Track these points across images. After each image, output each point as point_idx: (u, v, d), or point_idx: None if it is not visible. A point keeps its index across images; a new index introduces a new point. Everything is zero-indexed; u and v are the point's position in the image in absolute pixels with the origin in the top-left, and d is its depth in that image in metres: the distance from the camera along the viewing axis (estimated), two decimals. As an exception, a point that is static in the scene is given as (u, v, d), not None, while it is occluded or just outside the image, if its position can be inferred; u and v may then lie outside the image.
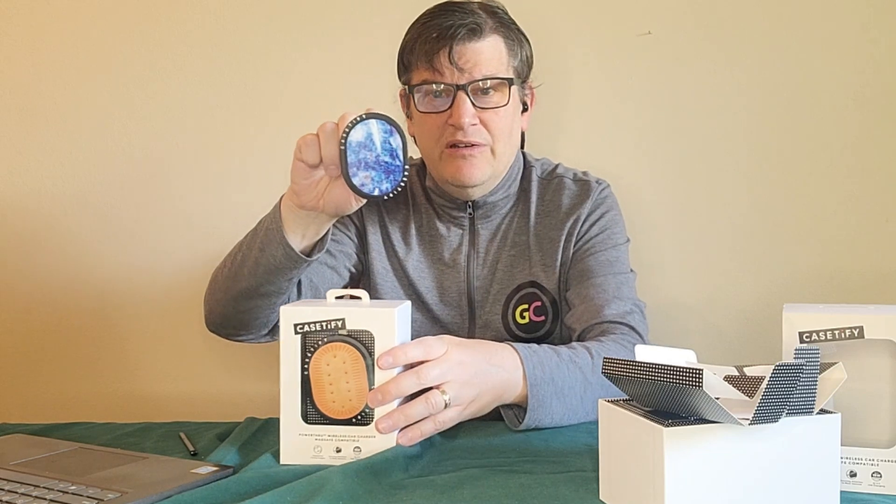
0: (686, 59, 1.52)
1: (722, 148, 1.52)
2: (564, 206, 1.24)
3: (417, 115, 1.19)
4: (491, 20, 1.16)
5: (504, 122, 1.17)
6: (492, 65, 1.15)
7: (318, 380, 0.88)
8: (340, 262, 1.23)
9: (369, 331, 0.87)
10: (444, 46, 1.13)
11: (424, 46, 1.15)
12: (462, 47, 1.13)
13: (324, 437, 0.88)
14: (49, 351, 1.69)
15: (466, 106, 1.13)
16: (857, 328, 0.75)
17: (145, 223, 1.66)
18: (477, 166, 1.16)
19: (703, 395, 0.64)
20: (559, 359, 1.00)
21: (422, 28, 1.17)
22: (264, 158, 1.63)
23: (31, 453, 0.92)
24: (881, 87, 1.47)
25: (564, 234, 1.23)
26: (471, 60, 1.13)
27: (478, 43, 1.14)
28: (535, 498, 0.75)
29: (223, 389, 1.66)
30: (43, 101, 1.67)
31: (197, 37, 1.63)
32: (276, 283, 1.08)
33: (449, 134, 1.15)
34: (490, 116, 1.15)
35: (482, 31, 1.14)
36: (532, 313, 1.23)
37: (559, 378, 0.98)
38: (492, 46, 1.15)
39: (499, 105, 1.15)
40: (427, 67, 1.15)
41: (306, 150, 0.97)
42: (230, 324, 1.16)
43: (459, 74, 1.13)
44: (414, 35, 1.18)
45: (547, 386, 0.97)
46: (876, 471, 0.75)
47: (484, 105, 1.15)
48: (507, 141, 1.19)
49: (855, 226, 1.49)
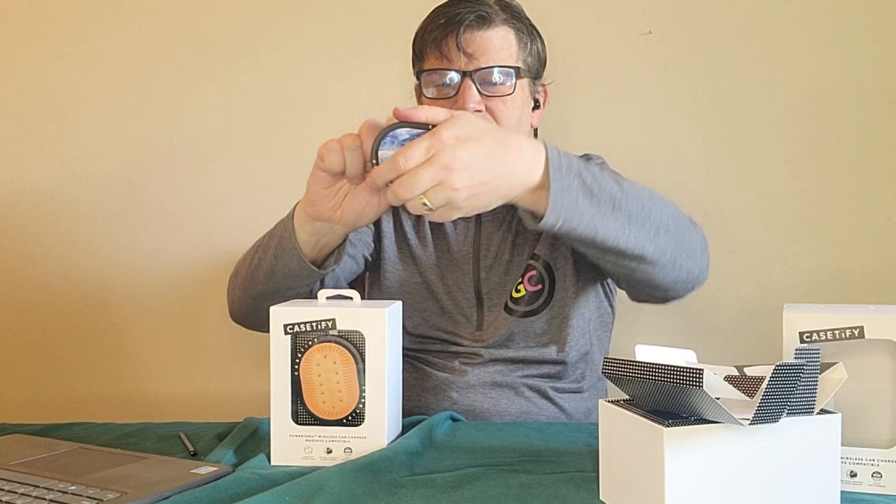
0: (686, 59, 1.52)
1: (722, 148, 1.52)
2: None
3: (426, 102, 1.19)
4: (503, 12, 1.17)
5: (511, 112, 1.16)
6: (500, 54, 1.15)
7: (309, 380, 0.88)
8: (359, 250, 1.23)
9: (360, 331, 0.87)
10: (451, 32, 1.14)
11: (433, 33, 1.16)
12: (470, 34, 1.14)
13: (314, 438, 0.88)
14: (49, 351, 1.69)
15: (472, 92, 1.13)
16: (858, 328, 0.75)
17: (145, 223, 1.66)
18: None
19: (704, 395, 0.63)
20: (594, 167, 0.91)
21: (432, 16, 1.19)
22: (264, 158, 1.63)
23: (31, 453, 0.92)
24: (881, 87, 1.47)
25: None
26: (479, 48, 1.14)
27: (487, 31, 1.15)
28: (535, 498, 0.75)
29: (223, 389, 1.66)
30: (43, 101, 1.67)
31: (197, 37, 1.63)
32: (294, 288, 1.08)
33: None
34: (496, 104, 1.15)
35: (491, 20, 1.15)
36: (527, 283, 1.21)
37: (589, 177, 0.88)
38: (501, 37, 1.16)
39: (506, 94, 1.15)
40: (436, 54, 1.16)
41: (329, 158, 0.92)
42: (251, 320, 1.18)
43: (467, 61, 1.14)
44: (424, 24, 1.20)
45: (572, 178, 0.87)
46: (876, 471, 0.75)
47: (491, 93, 1.15)
48: (515, 131, 1.18)
49: (855, 226, 1.49)
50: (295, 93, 1.62)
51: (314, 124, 1.61)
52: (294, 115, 1.62)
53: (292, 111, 1.62)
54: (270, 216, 1.62)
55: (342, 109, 1.60)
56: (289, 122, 1.62)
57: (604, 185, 0.90)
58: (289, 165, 1.62)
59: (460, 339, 1.23)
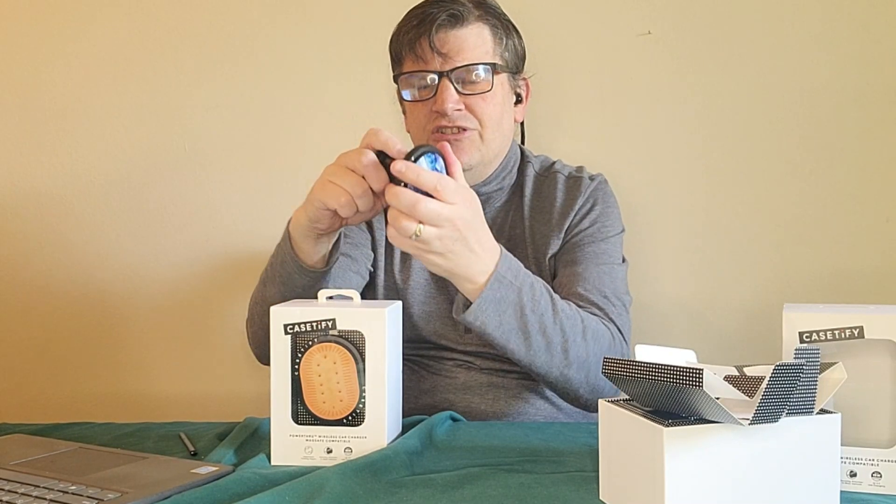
0: (686, 58, 1.52)
1: (722, 148, 1.52)
2: (557, 202, 1.23)
3: (407, 106, 1.19)
4: (476, 9, 1.16)
5: (492, 108, 1.16)
6: (476, 52, 1.15)
7: (309, 380, 0.88)
8: (362, 263, 1.23)
9: (360, 331, 0.87)
10: (424, 33, 1.13)
11: (407, 35, 1.15)
12: (444, 34, 1.14)
13: (314, 438, 0.88)
14: (49, 351, 1.69)
15: (450, 92, 1.13)
16: (857, 328, 0.75)
17: (145, 223, 1.66)
18: (465, 150, 1.16)
19: (703, 395, 0.64)
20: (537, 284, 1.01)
21: (406, 19, 1.18)
22: (265, 158, 1.63)
23: (31, 453, 0.92)
24: (881, 87, 1.47)
25: (557, 233, 1.22)
26: (453, 47, 1.14)
27: (460, 30, 1.14)
28: (535, 498, 0.75)
29: (223, 389, 1.66)
30: (43, 101, 1.67)
31: (197, 37, 1.63)
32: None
33: (435, 119, 1.15)
34: (475, 101, 1.15)
35: (464, 18, 1.14)
36: None
37: (526, 293, 0.99)
38: (475, 34, 1.15)
39: (484, 91, 1.15)
40: (411, 57, 1.16)
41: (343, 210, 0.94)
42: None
43: (443, 61, 1.14)
44: (399, 27, 1.19)
45: (509, 291, 0.97)
46: (876, 471, 0.75)
47: (469, 91, 1.15)
48: (497, 128, 1.18)
49: (855, 226, 1.49)
50: (295, 94, 1.62)
51: (314, 125, 1.61)
52: (294, 115, 1.62)
53: (292, 112, 1.62)
54: (270, 216, 1.63)
55: (342, 110, 1.60)
56: (289, 122, 1.62)
57: (538, 309, 1.00)
58: (289, 166, 1.62)
59: (452, 341, 1.22)
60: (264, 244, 1.64)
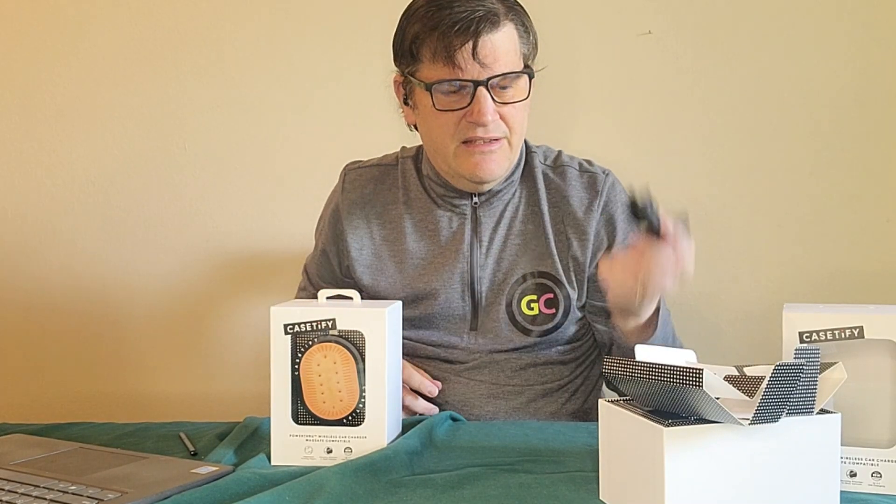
0: (686, 58, 1.52)
1: (722, 148, 1.52)
2: (574, 199, 1.21)
3: (426, 107, 1.13)
4: (502, 4, 1.11)
5: (521, 114, 1.14)
6: (510, 57, 1.11)
7: (309, 380, 0.88)
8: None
9: (360, 331, 0.87)
10: (466, 41, 1.07)
11: (443, 41, 1.07)
12: (484, 40, 1.08)
13: (314, 438, 0.88)
14: (49, 351, 1.69)
15: (489, 103, 1.09)
16: (857, 328, 0.75)
17: (145, 223, 1.66)
18: (496, 161, 1.14)
19: (703, 395, 0.64)
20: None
21: (435, 17, 1.09)
22: (265, 159, 1.63)
23: (31, 453, 0.92)
24: (881, 87, 1.47)
25: (579, 235, 1.20)
26: (490, 55, 1.09)
27: (496, 34, 1.09)
28: (535, 498, 0.75)
29: (223, 389, 1.66)
30: (43, 101, 1.67)
31: (196, 37, 1.63)
32: None
33: (468, 130, 1.11)
34: (509, 110, 1.12)
35: (500, 20, 1.10)
36: (542, 305, 1.19)
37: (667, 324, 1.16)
38: (507, 37, 1.11)
39: (519, 99, 1.13)
40: (447, 63, 1.08)
41: None
42: None
43: (481, 70, 1.08)
44: (425, 24, 1.10)
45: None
46: (876, 471, 0.75)
47: (504, 100, 1.11)
48: (522, 132, 1.16)
49: (855, 226, 1.49)
50: (294, 94, 1.61)
51: (313, 126, 1.61)
52: (293, 116, 1.62)
53: (291, 112, 1.62)
54: (270, 216, 1.63)
55: (341, 111, 1.60)
56: (287, 123, 1.62)
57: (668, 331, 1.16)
58: (288, 166, 1.62)
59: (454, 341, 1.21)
60: (263, 244, 1.65)
